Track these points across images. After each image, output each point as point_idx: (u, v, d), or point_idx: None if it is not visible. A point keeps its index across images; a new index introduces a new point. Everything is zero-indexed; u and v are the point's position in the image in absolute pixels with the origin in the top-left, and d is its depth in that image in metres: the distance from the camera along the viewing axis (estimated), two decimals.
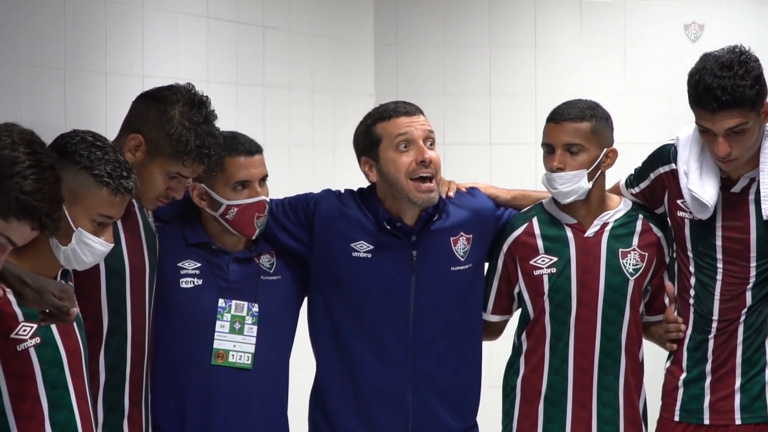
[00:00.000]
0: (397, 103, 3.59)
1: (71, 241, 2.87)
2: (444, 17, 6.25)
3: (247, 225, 3.46)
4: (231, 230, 3.48)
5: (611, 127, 3.67)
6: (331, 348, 3.60)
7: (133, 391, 3.25)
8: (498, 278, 3.71)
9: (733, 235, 3.53)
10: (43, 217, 2.55)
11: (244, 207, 3.44)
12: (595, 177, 3.59)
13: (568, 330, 3.61)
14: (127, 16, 4.15)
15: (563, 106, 3.64)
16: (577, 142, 3.56)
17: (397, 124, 3.51)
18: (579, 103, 3.64)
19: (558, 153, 3.56)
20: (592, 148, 3.57)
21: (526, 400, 3.67)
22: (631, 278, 3.62)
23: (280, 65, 5.32)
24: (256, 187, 3.46)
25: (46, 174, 2.56)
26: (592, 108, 3.63)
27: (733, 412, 3.57)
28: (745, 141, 3.41)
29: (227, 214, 3.45)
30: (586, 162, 3.57)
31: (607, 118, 3.65)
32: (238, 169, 3.44)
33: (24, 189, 2.51)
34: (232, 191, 3.44)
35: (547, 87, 6.27)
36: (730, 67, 3.36)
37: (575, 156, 3.56)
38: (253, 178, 3.46)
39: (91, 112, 3.88)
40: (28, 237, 2.59)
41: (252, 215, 3.45)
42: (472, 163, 6.03)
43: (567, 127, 3.57)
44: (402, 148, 3.49)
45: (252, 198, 3.45)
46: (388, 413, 3.58)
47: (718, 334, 3.58)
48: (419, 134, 3.49)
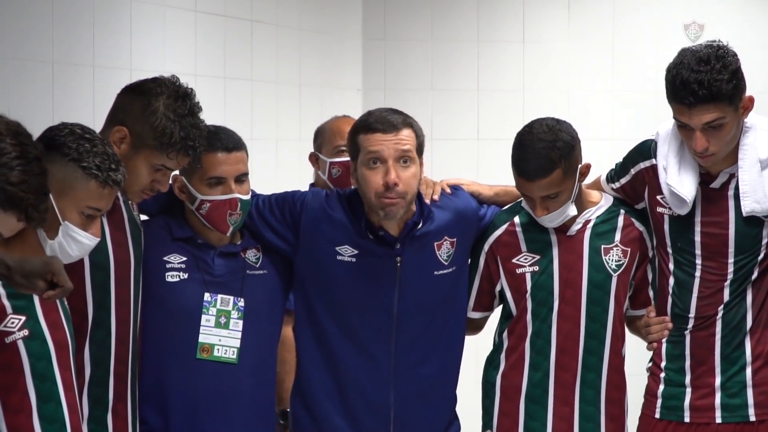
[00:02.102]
0: (380, 115, 3.51)
1: (58, 234, 2.87)
2: (432, 12, 6.28)
3: (220, 221, 3.45)
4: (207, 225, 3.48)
5: (578, 145, 3.55)
6: (314, 346, 3.59)
7: (118, 384, 3.23)
8: (479, 276, 3.70)
9: (711, 230, 3.52)
10: (29, 209, 2.56)
11: (216, 203, 3.43)
12: (575, 196, 3.56)
13: (549, 327, 3.60)
14: (115, 10, 4.17)
15: (529, 159, 3.48)
16: (553, 192, 3.50)
17: (372, 141, 3.45)
18: (542, 150, 3.47)
19: (538, 202, 3.51)
20: (568, 185, 3.51)
21: (506, 397, 3.67)
22: (614, 274, 3.61)
23: (268, 59, 5.34)
24: (231, 185, 3.44)
25: (32, 165, 2.56)
26: (555, 148, 3.47)
27: (714, 411, 3.56)
28: (722, 136, 3.39)
29: (201, 209, 3.45)
30: (566, 198, 3.53)
31: (572, 144, 3.51)
32: (214, 166, 3.42)
33: (10, 180, 2.52)
34: (207, 186, 3.44)
35: (535, 82, 6.31)
36: (707, 61, 3.34)
37: (555, 200, 3.51)
38: (228, 176, 3.44)
39: (78, 104, 3.92)
40: (15, 228, 2.60)
41: (224, 212, 3.44)
42: (459, 159, 6.05)
43: (540, 184, 3.48)
44: (372, 165, 3.45)
45: (225, 195, 3.43)
46: (370, 411, 3.58)
47: (695, 330, 3.57)
48: (390, 153, 3.43)
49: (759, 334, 3.55)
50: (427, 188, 3.63)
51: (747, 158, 3.47)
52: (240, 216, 3.47)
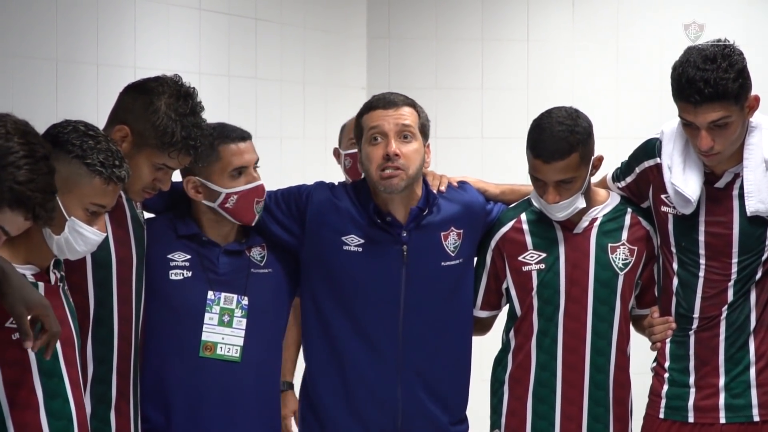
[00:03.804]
0: (381, 95, 3.59)
1: (64, 230, 2.88)
2: (437, 11, 6.30)
3: (247, 211, 3.46)
4: (230, 219, 3.48)
5: (592, 136, 3.59)
6: (321, 343, 3.60)
7: (120, 382, 3.24)
8: (486, 274, 3.71)
9: (716, 230, 3.52)
10: (36, 208, 2.58)
11: (244, 193, 3.45)
12: (585, 188, 3.59)
13: (555, 326, 3.61)
14: (119, 8, 4.19)
15: (547, 141, 3.50)
16: (569, 177, 3.51)
17: (372, 117, 3.52)
18: (561, 133, 3.50)
19: (551, 189, 3.51)
20: (582, 173, 3.53)
21: (514, 396, 3.67)
22: (621, 273, 3.61)
23: (273, 58, 5.36)
24: (252, 173, 3.47)
25: (39, 164, 2.59)
26: (574, 132, 3.51)
27: (718, 411, 3.55)
28: (728, 135, 3.39)
29: (227, 203, 3.45)
30: (579, 187, 3.54)
31: (588, 132, 3.56)
32: (233, 156, 3.44)
33: (18, 179, 2.55)
34: (230, 179, 3.44)
35: (539, 81, 6.33)
36: (713, 60, 3.35)
37: (568, 187, 3.52)
38: (249, 164, 3.47)
39: (82, 102, 3.93)
40: (22, 227, 2.62)
41: (252, 200, 3.45)
42: (464, 157, 6.08)
43: (557, 167, 3.49)
44: (374, 141, 3.51)
45: (250, 183, 3.45)
46: (377, 408, 3.58)
47: (699, 330, 3.57)
48: (390, 128, 3.49)
49: (763, 335, 3.55)
50: (434, 179, 3.65)
51: (752, 158, 3.47)
52: (263, 203, 3.51)
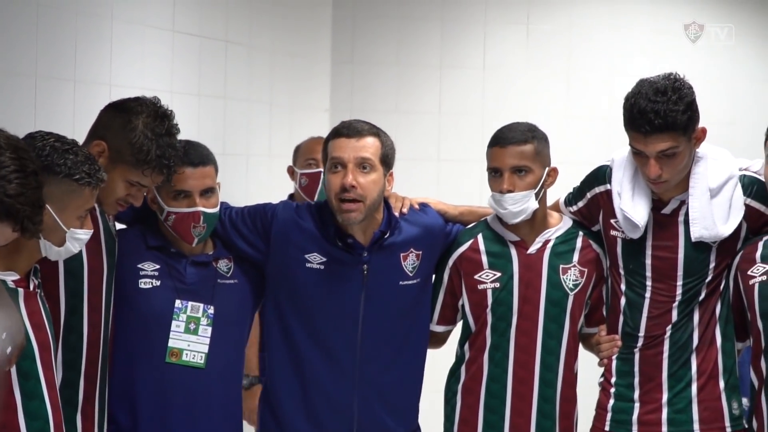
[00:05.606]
0: (348, 123, 3.60)
1: (65, 242, 2.95)
2: (398, 38, 6.31)
3: (184, 232, 3.52)
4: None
5: (549, 147, 3.68)
6: (282, 351, 3.64)
7: (88, 387, 3.29)
8: (444, 291, 3.76)
9: (662, 254, 3.59)
10: (25, 221, 2.64)
11: (180, 215, 3.50)
12: (539, 196, 3.63)
13: (507, 341, 3.66)
14: (96, 28, 4.20)
15: (505, 131, 3.64)
16: (523, 164, 3.58)
17: (335, 146, 3.54)
18: (519, 126, 3.65)
19: (506, 176, 3.59)
20: (536, 169, 3.59)
21: (466, 406, 3.73)
22: (571, 293, 3.68)
23: (241, 79, 5.36)
24: (195, 198, 3.50)
25: (29, 179, 2.64)
26: (532, 130, 3.64)
27: (661, 425, 3.62)
28: (675, 164, 3.47)
29: (168, 220, 3.51)
30: (532, 182, 3.59)
31: (546, 139, 3.67)
32: (180, 180, 3.48)
33: (8, 192, 2.60)
34: (173, 199, 3.50)
35: (494, 107, 6.33)
36: (664, 92, 3.42)
37: (522, 177, 3.58)
38: (193, 189, 3.50)
39: (60, 118, 3.93)
40: (9, 238, 2.68)
41: (188, 224, 3.50)
42: (421, 178, 6.06)
43: (512, 151, 3.59)
44: (334, 169, 3.53)
45: (189, 208, 3.50)
46: (334, 416, 3.64)
47: (644, 348, 3.64)
48: (350, 158, 3.50)
49: (704, 353, 3.62)
50: (396, 201, 3.69)
51: (697, 186, 3.54)
52: (204, 228, 3.52)
